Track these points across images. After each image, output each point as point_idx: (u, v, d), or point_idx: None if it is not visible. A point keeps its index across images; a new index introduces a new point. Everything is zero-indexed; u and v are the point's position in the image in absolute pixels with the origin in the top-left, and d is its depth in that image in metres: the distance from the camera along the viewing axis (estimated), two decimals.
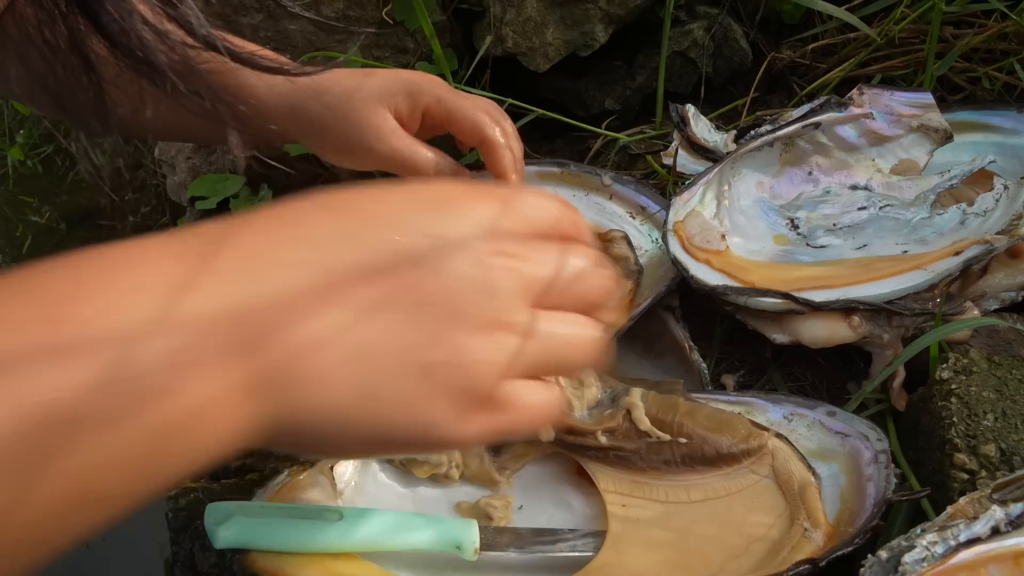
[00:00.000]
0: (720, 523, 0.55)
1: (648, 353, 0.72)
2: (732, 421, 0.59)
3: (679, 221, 0.71)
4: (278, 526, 0.51)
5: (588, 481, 0.61)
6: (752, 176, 0.76)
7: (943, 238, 0.69)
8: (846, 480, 0.56)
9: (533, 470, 0.63)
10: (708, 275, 0.68)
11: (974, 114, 0.77)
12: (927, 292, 0.63)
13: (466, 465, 0.62)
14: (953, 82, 0.83)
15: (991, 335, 0.64)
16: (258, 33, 0.88)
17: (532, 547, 0.55)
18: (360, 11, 0.88)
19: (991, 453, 0.54)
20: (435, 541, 0.53)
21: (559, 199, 0.41)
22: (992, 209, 0.68)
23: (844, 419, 0.59)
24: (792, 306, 0.64)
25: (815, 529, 0.53)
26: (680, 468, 0.59)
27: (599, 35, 0.88)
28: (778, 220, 0.75)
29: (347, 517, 0.53)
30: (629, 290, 0.71)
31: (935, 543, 0.45)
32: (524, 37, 0.88)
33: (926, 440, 0.58)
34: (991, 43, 0.81)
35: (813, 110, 0.75)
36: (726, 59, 0.93)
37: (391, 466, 0.62)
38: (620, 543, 0.55)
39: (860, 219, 0.73)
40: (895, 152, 0.75)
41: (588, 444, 0.60)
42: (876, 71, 0.85)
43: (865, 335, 0.64)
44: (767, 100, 0.91)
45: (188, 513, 0.66)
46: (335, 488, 0.58)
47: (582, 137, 0.95)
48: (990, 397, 0.57)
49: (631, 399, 0.61)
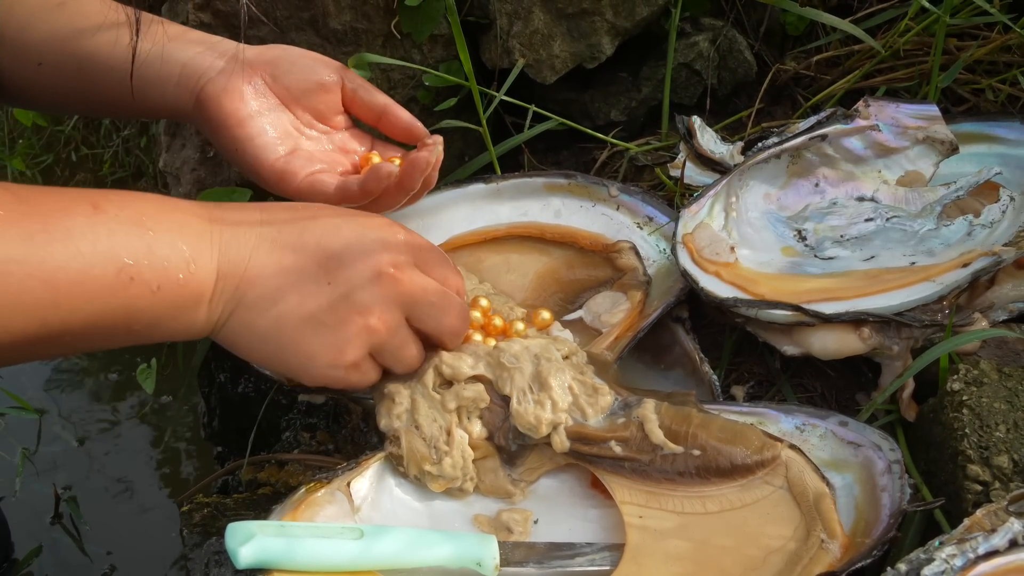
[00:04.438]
0: (737, 535, 0.56)
1: (657, 364, 0.72)
2: (745, 432, 0.60)
3: (688, 233, 0.72)
4: (299, 545, 0.51)
5: (603, 492, 0.61)
6: (760, 188, 0.77)
7: (950, 249, 0.69)
8: (860, 490, 0.57)
9: (548, 482, 0.63)
10: (718, 287, 0.68)
11: (978, 125, 0.77)
12: (936, 304, 0.64)
13: (480, 479, 0.62)
14: (957, 94, 0.84)
15: (1000, 346, 0.64)
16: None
17: (551, 562, 0.56)
18: (368, 24, 0.88)
19: (1004, 464, 0.54)
20: (455, 557, 0.53)
21: (454, 266, 0.65)
22: (999, 221, 0.68)
23: (856, 429, 0.60)
24: (802, 318, 0.65)
25: (832, 540, 0.53)
26: (695, 479, 0.59)
27: (605, 47, 0.89)
28: (786, 232, 0.76)
29: (367, 535, 0.53)
30: (637, 301, 0.72)
31: (954, 556, 0.45)
32: (531, 49, 0.89)
33: (937, 451, 0.59)
34: (995, 55, 0.82)
35: (819, 122, 0.76)
36: (731, 71, 0.93)
37: (406, 481, 0.62)
38: (639, 555, 0.55)
39: (867, 230, 0.74)
40: (901, 164, 0.76)
41: (602, 454, 0.61)
42: (880, 83, 0.85)
43: (875, 347, 0.64)
44: (772, 111, 0.92)
45: (202, 529, 0.66)
46: (352, 504, 0.58)
47: (587, 149, 0.95)
48: (1002, 408, 0.57)
49: (644, 411, 0.61)
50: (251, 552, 0.51)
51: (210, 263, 0.57)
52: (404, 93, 0.92)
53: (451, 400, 0.62)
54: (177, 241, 0.56)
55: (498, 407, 0.62)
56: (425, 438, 0.61)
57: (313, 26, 0.88)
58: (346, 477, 0.59)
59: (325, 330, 0.58)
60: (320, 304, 0.58)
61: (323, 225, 0.61)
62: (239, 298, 0.58)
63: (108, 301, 0.53)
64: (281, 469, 0.73)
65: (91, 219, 0.53)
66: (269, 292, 0.58)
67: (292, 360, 0.60)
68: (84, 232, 0.52)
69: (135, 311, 0.55)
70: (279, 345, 0.59)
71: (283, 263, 0.59)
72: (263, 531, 0.51)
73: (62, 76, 0.70)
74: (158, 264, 0.55)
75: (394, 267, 0.59)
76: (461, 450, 0.61)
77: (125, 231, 0.54)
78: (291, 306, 0.58)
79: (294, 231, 0.60)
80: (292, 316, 0.58)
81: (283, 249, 0.59)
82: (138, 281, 0.54)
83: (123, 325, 0.55)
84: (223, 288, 0.58)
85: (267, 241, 0.59)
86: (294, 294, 0.58)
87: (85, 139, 1.55)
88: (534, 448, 0.63)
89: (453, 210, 0.79)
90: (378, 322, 0.59)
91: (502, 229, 0.79)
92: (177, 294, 0.56)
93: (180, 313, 0.57)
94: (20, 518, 1.07)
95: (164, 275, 0.55)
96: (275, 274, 0.58)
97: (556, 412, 0.61)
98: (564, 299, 0.75)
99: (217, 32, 0.87)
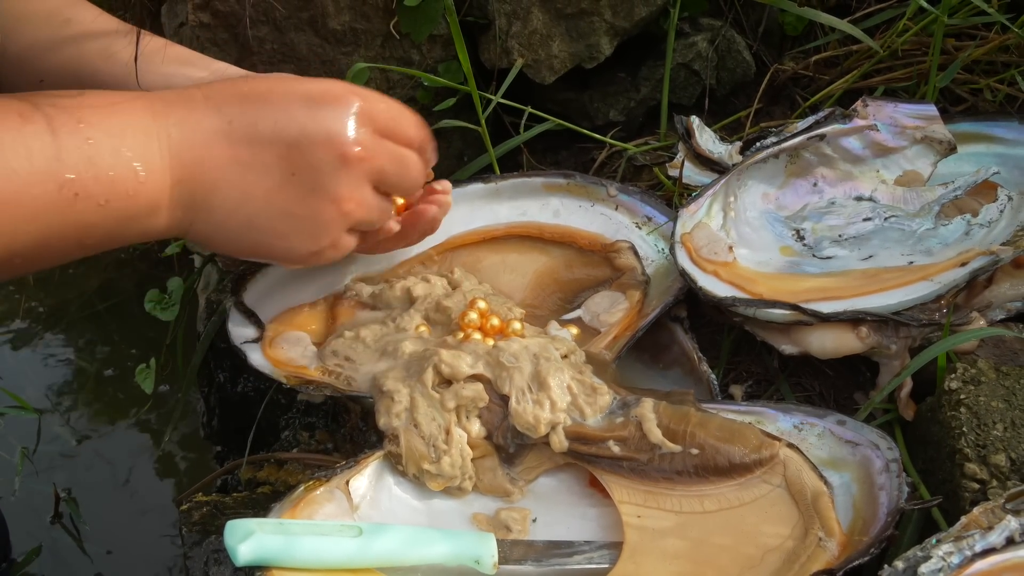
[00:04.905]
0: (735, 533, 0.56)
1: (656, 363, 0.73)
2: (744, 431, 0.60)
3: (687, 233, 0.72)
4: (297, 543, 0.51)
5: (601, 492, 0.61)
6: (758, 188, 0.77)
7: (948, 249, 0.69)
8: (858, 489, 0.57)
9: (546, 481, 0.63)
10: (717, 287, 0.69)
11: (976, 125, 0.78)
12: (933, 303, 0.64)
13: (479, 478, 0.62)
14: (955, 94, 0.84)
15: (997, 345, 0.64)
16: (264, 45, 0.88)
17: (549, 560, 0.56)
18: (367, 24, 0.88)
19: (1001, 463, 0.55)
20: (454, 555, 0.53)
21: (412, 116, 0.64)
22: (996, 220, 0.69)
23: (854, 428, 0.60)
24: (800, 317, 0.65)
25: (829, 538, 0.54)
26: (693, 478, 0.59)
27: (604, 47, 0.89)
28: (784, 231, 0.76)
29: (366, 533, 0.53)
30: (636, 301, 0.72)
31: (951, 553, 0.45)
32: (530, 49, 0.89)
33: (935, 450, 0.59)
34: (993, 55, 0.82)
35: (818, 122, 0.76)
36: (729, 71, 0.93)
37: (405, 480, 0.62)
38: (637, 554, 0.55)
39: (865, 230, 0.74)
40: (899, 163, 0.76)
41: (600, 453, 0.61)
42: (879, 83, 0.86)
43: (873, 346, 0.65)
44: (770, 111, 0.92)
45: (202, 528, 0.66)
46: (351, 502, 0.58)
47: (586, 149, 0.95)
48: (999, 407, 0.57)
49: (642, 411, 0.61)
50: (250, 550, 0.51)
51: (161, 169, 0.54)
52: (403, 93, 0.92)
53: (450, 399, 0.62)
54: (121, 148, 0.52)
55: (497, 406, 0.62)
56: (424, 437, 0.61)
57: (312, 26, 0.88)
58: (345, 475, 0.59)
59: (298, 221, 0.58)
60: (288, 197, 0.57)
61: (276, 109, 0.57)
62: (200, 201, 0.56)
63: (53, 219, 0.50)
64: (280, 468, 0.73)
65: (21, 131, 0.49)
66: (233, 194, 0.57)
67: (270, 251, 0.60)
68: (16, 147, 0.49)
69: (85, 226, 0.52)
70: (255, 240, 0.59)
71: (241, 159, 0.56)
72: (262, 529, 0.52)
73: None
74: (103, 176, 0.51)
75: (358, 145, 0.58)
76: (460, 449, 0.61)
77: (61, 143, 0.50)
78: (259, 204, 0.57)
79: (246, 119, 0.57)
80: (262, 214, 0.57)
81: (238, 143, 0.56)
82: (83, 196, 0.51)
83: (74, 241, 0.53)
84: (180, 194, 0.55)
85: (219, 136, 0.56)
86: (259, 191, 0.57)
87: None
88: (533, 447, 0.63)
89: (452, 210, 0.79)
90: (349, 204, 0.59)
91: (501, 229, 0.79)
92: (128, 205, 0.53)
93: (135, 223, 0.54)
94: (19, 518, 1.07)
95: (111, 187, 0.52)
96: (235, 174, 0.56)
97: (555, 412, 0.61)
98: (563, 299, 0.75)
99: (216, 31, 0.87)
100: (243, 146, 0.56)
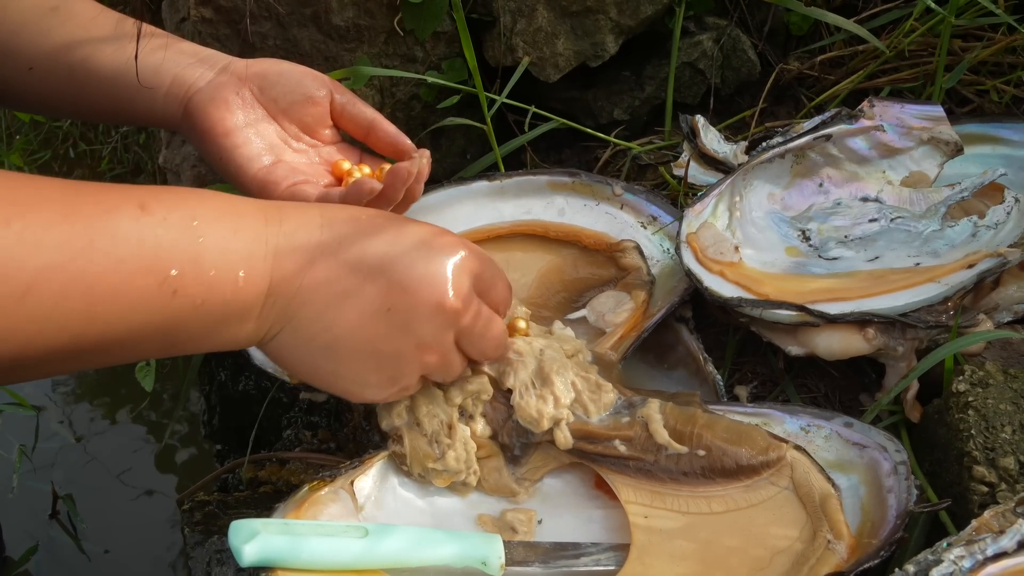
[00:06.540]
0: (743, 535, 0.55)
1: (661, 364, 0.72)
2: (751, 433, 0.59)
3: (692, 233, 0.71)
4: (303, 543, 0.51)
5: (607, 494, 0.61)
6: (764, 188, 0.77)
7: (955, 250, 0.69)
8: (866, 491, 0.57)
9: (552, 482, 0.63)
10: (722, 287, 0.68)
11: (982, 126, 0.78)
12: (940, 305, 0.64)
13: (485, 478, 0.62)
14: (961, 95, 0.84)
15: (1004, 347, 0.64)
16: (267, 41, 0.88)
17: (556, 561, 0.55)
18: (370, 20, 0.87)
19: (1010, 466, 0.54)
20: (460, 556, 0.53)
21: (506, 279, 0.62)
22: (1003, 222, 0.68)
23: (861, 430, 0.60)
24: (807, 318, 0.65)
25: (838, 541, 0.53)
26: (700, 479, 0.59)
27: (609, 46, 0.89)
28: (790, 232, 0.76)
29: (371, 534, 0.52)
30: (641, 301, 0.72)
31: (963, 557, 0.45)
32: (535, 47, 0.88)
33: (943, 452, 0.59)
34: (999, 56, 0.82)
35: (824, 122, 0.75)
36: (734, 70, 0.93)
37: (410, 480, 0.62)
38: (645, 555, 0.55)
39: (871, 231, 0.74)
40: (905, 164, 0.76)
41: (607, 453, 0.60)
42: (885, 83, 0.85)
43: (880, 347, 0.64)
44: (775, 111, 0.92)
45: (204, 527, 0.66)
46: (356, 503, 0.58)
47: (590, 147, 0.95)
48: (1007, 409, 0.57)
49: (648, 411, 0.61)
50: (255, 550, 0.50)
51: (262, 275, 0.53)
52: (407, 90, 0.92)
53: (456, 394, 0.62)
54: (228, 250, 0.52)
55: (502, 404, 0.62)
56: (427, 435, 0.61)
57: (315, 22, 0.87)
58: (350, 475, 0.59)
59: (381, 359, 0.56)
60: (378, 333, 0.55)
61: (388, 243, 0.56)
62: (291, 314, 0.54)
63: (150, 314, 0.49)
64: (282, 467, 0.73)
65: (137, 222, 0.49)
66: (325, 314, 0.55)
67: (342, 383, 0.57)
68: (128, 238, 0.48)
69: (176, 325, 0.51)
70: (331, 368, 0.56)
71: (343, 284, 0.55)
72: (267, 529, 0.51)
73: (52, 81, 0.69)
74: (204, 277, 0.51)
75: (456, 297, 0.56)
76: (463, 442, 0.61)
77: (173, 238, 0.50)
78: (347, 330, 0.55)
79: (356, 247, 0.56)
80: (347, 340, 0.55)
81: (342, 267, 0.55)
82: (181, 294, 0.50)
83: (162, 338, 0.51)
84: (274, 303, 0.54)
85: (326, 255, 0.55)
86: (350, 317, 0.55)
87: (83, 135, 1.55)
88: (538, 447, 0.62)
89: (456, 208, 0.79)
90: (431, 352, 0.57)
91: (505, 227, 0.79)
92: (223, 309, 0.52)
93: (223, 328, 0.53)
94: (17, 516, 1.07)
95: (209, 289, 0.51)
96: (333, 295, 0.54)
97: (558, 407, 0.61)
98: (568, 298, 0.75)
99: (218, 27, 0.87)
100: (347, 271, 0.55)
